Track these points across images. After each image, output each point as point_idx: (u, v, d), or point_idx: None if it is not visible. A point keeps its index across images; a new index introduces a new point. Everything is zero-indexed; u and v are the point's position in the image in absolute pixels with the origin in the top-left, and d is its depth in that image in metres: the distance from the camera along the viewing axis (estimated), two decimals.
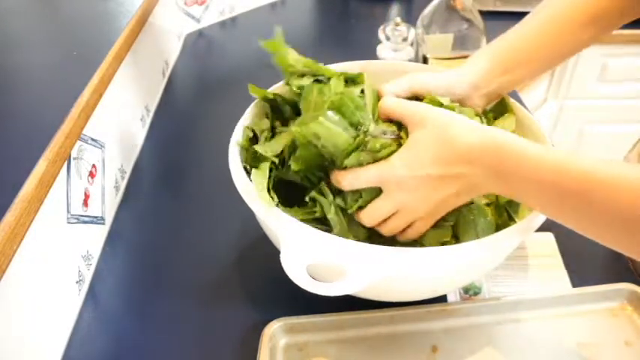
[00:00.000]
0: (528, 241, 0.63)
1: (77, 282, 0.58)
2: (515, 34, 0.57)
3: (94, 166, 0.64)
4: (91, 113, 0.61)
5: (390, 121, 0.50)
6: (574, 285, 0.58)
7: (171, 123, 0.90)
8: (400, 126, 0.48)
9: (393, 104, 0.49)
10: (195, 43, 1.16)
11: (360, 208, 0.49)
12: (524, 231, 0.46)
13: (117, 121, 0.74)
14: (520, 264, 0.61)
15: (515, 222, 0.51)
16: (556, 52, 0.57)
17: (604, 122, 1.45)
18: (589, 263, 0.60)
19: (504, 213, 0.53)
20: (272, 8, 1.30)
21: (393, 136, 0.47)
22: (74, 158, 0.59)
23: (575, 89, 1.38)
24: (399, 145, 0.47)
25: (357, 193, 0.49)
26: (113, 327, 0.56)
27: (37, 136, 0.54)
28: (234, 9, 1.26)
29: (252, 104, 0.59)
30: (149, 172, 0.79)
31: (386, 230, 0.50)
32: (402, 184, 0.46)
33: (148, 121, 0.89)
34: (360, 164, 0.47)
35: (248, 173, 0.51)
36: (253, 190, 0.48)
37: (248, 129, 0.56)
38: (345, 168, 0.48)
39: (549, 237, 0.63)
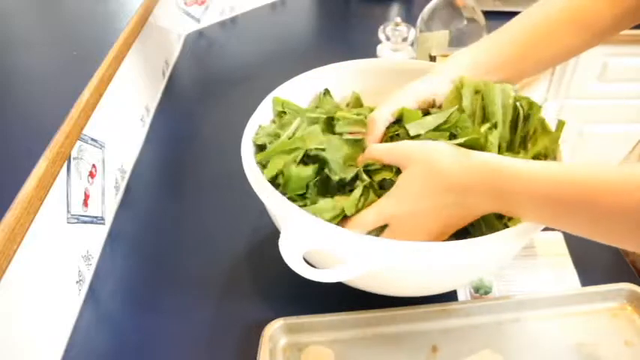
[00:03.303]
0: (537, 240, 0.63)
1: (77, 282, 0.58)
2: (503, 34, 0.55)
3: (94, 166, 0.64)
4: (91, 113, 0.61)
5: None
6: (583, 284, 0.58)
7: (171, 123, 0.90)
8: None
9: (378, 154, 0.50)
10: (195, 43, 1.16)
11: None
12: (529, 230, 0.45)
13: (117, 121, 0.74)
14: (530, 263, 0.61)
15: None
16: (545, 55, 0.56)
17: (604, 122, 1.45)
18: (597, 263, 0.60)
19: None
20: (272, 8, 1.30)
21: None
22: (74, 158, 0.59)
23: (575, 89, 1.38)
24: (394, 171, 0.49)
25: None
26: (113, 327, 0.56)
27: (37, 136, 0.54)
28: (234, 9, 1.26)
29: (264, 101, 0.59)
30: (149, 172, 0.79)
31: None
32: (400, 219, 0.46)
33: (148, 121, 0.89)
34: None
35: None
36: (262, 179, 0.49)
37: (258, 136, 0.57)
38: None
39: (558, 236, 0.63)
